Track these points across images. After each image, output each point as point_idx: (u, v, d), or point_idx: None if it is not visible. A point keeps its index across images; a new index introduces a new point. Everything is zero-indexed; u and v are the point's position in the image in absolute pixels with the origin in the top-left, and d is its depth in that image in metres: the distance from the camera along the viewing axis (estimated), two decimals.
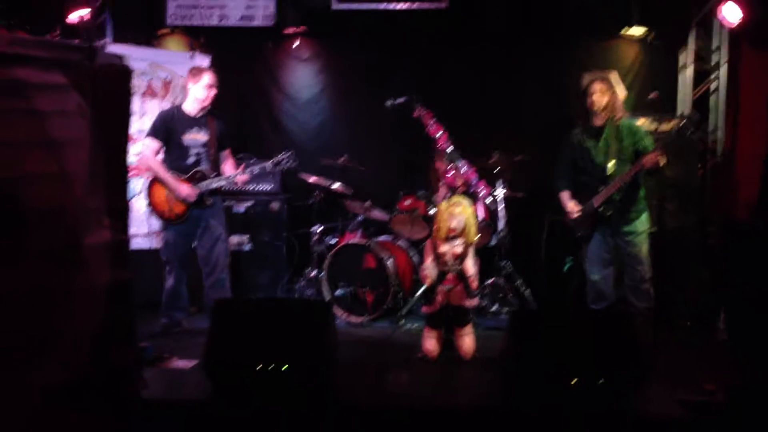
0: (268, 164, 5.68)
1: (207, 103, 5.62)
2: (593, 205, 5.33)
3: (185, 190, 5.48)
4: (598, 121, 5.35)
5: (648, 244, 5.35)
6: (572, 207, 5.47)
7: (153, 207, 5.59)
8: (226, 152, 5.80)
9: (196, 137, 5.60)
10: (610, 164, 5.27)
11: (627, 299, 5.41)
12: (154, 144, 5.56)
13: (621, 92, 5.36)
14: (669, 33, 7.12)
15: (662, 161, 5.05)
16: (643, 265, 5.30)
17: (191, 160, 5.59)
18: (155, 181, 5.56)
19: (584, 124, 5.46)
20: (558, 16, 7.08)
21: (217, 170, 5.65)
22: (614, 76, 5.39)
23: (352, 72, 7.46)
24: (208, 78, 5.59)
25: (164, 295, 5.71)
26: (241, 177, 5.64)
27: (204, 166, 5.58)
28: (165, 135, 5.57)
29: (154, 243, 6.42)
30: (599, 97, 5.28)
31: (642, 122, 5.69)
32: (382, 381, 4.49)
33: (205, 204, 5.57)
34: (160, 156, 5.62)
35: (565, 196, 5.55)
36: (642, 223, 5.33)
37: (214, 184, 5.55)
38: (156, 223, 5.86)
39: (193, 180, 5.54)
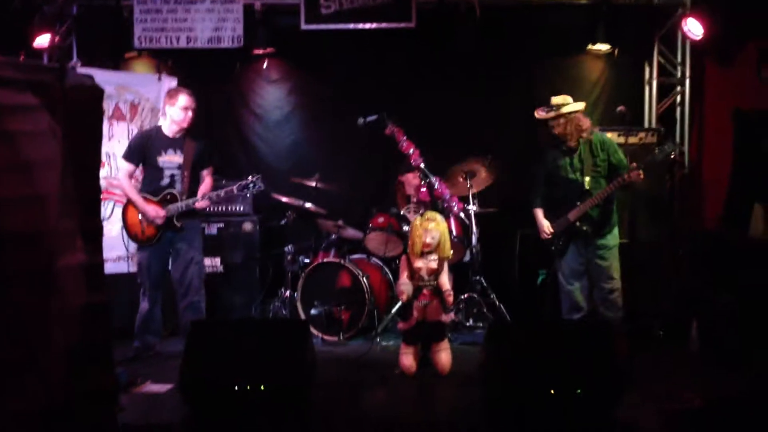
0: (234, 188, 5.57)
1: (185, 124, 5.61)
2: (569, 220, 5.41)
3: (152, 212, 5.45)
4: (570, 143, 5.45)
5: (618, 257, 5.44)
6: (545, 226, 5.56)
7: (127, 229, 5.57)
8: (205, 172, 5.74)
9: (172, 159, 5.58)
10: (587, 180, 5.36)
11: (597, 310, 5.49)
12: (127, 166, 5.56)
13: (579, 108, 5.45)
14: (633, 48, 7.24)
15: (641, 178, 5.17)
16: (613, 278, 5.44)
17: (165, 181, 5.56)
18: (129, 203, 5.52)
19: (555, 145, 5.54)
20: (524, 34, 7.17)
21: (193, 192, 5.60)
22: (563, 99, 5.48)
23: (323, 92, 7.47)
24: (184, 99, 5.58)
25: (138, 319, 5.64)
26: (200, 203, 5.56)
27: (177, 188, 5.53)
28: (140, 157, 5.57)
29: (125, 267, 6.33)
30: (559, 130, 5.45)
31: (610, 136, 5.77)
32: (360, 398, 4.47)
33: (174, 226, 5.52)
34: (136, 178, 5.59)
35: (539, 213, 5.65)
36: (614, 237, 5.46)
37: (182, 207, 5.50)
38: (131, 247, 5.78)
39: (164, 202, 5.50)
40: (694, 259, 6.63)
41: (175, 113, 5.57)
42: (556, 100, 5.57)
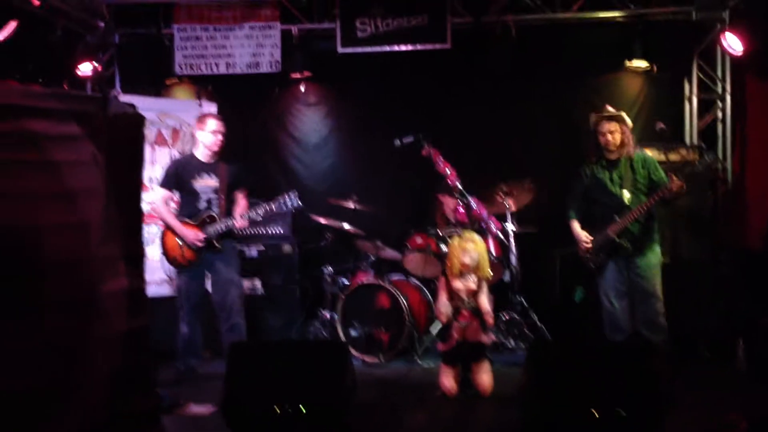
0: (273, 205, 5.62)
1: (215, 148, 5.69)
2: (608, 235, 5.33)
3: (191, 235, 5.52)
4: (612, 156, 5.40)
5: (660, 277, 5.34)
6: (584, 236, 5.48)
7: (166, 254, 5.64)
8: (239, 195, 5.79)
9: (207, 183, 5.65)
10: (626, 195, 5.29)
11: (641, 333, 5.38)
12: (163, 192, 5.66)
13: (630, 126, 5.43)
14: (672, 64, 7.18)
15: (683, 190, 5.10)
16: (657, 298, 5.31)
17: (202, 205, 5.64)
18: (167, 229, 5.60)
19: (597, 159, 5.49)
20: (560, 53, 7.16)
21: (230, 214, 5.67)
22: (623, 114, 5.46)
23: (359, 114, 7.53)
24: (213, 124, 5.67)
25: (179, 342, 5.70)
26: (239, 222, 5.60)
27: (215, 211, 5.61)
28: (175, 183, 5.66)
29: (168, 290, 6.42)
30: (612, 137, 5.36)
31: (650, 152, 5.73)
32: (400, 420, 4.45)
33: (215, 248, 5.59)
34: (173, 204, 5.69)
35: (576, 225, 5.58)
36: (655, 256, 5.36)
37: (222, 228, 5.57)
38: (170, 270, 5.85)
39: (203, 224, 5.57)
40: (738, 277, 6.49)
41: (205, 137, 5.66)
42: (612, 109, 5.53)
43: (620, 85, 7.34)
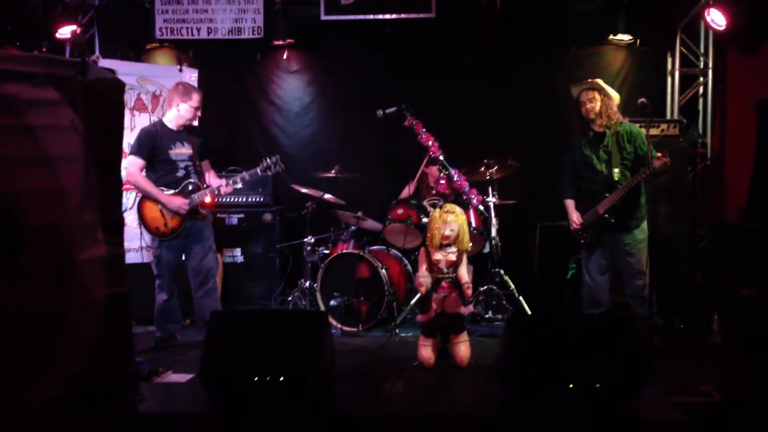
0: (258, 170, 5.68)
1: (194, 121, 5.74)
2: (598, 212, 5.35)
3: (176, 201, 5.48)
4: (596, 128, 5.40)
5: (646, 252, 5.38)
6: (576, 217, 5.50)
7: (146, 225, 5.58)
8: (206, 163, 5.83)
9: (182, 151, 5.64)
10: (615, 171, 5.30)
11: (629, 307, 5.43)
12: (139, 161, 5.53)
13: (613, 96, 5.42)
14: (655, 38, 7.18)
15: (668, 164, 5.11)
16: (643, 273, 5.32)
17: (181, 173, 5.62)
18: (144, 199, 5.56)
19: (583, 133, 5.49)
20: (545, 25, 7.13)
21: (203, 182, 5.69)
22: (601, 83, 5.45)
23: (342, 83, 7.48)
24: (197, 99, 5.65)
25: (156, 310, 5.71)
26: (225, 188, 5.66)
27: (193, 179, 5.59)
28: (149, 152, 5.55)
29: (146, 257, 6.40)
30: (591, 104, 5.35)
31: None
32: (378, 390, 4.48)
33: (200, 214, 5.61)
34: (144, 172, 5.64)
35: (570, 205, 5.59)
36: (642, 231, 5.38)
37: (207, 194, 5.58)
38: (147, 239, 5.81)
39: (185, 192, 5.54)
40: (717, 251, 6.57)
41: (186, 110, 5.61)
42: (593, 80, 5.52)
43: (603, 58, 7.33)
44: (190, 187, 5.56)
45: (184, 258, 5.75)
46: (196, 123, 5.79)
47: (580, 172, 5.54)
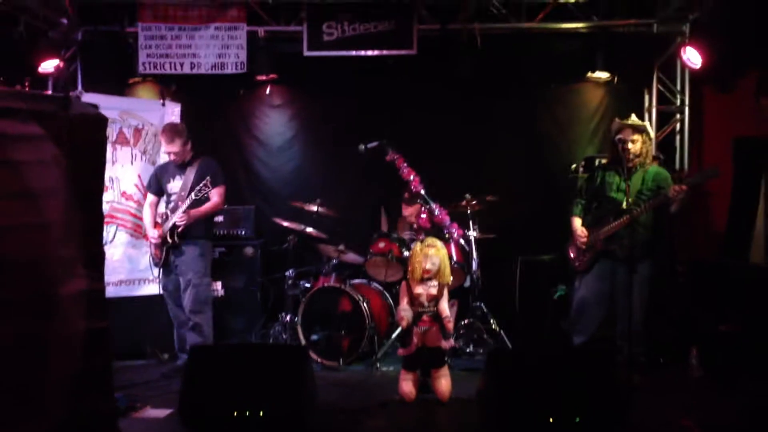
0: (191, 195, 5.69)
1: (173, 158, 5.86)
2: (598, 237, 5.35)
3: (150, 233, 5.81)
4: (629, 164, 5.32)
5: (648, 289, 5.33)
6: (580, 232, 5.48)
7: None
8: (211, 192, 5.75)
9: (176, 184, 5.79)
10: (626, 201, 5.21)
11: (616, 342, 5.37)
12: (151, 198, 6.01)
13: (651, 137, 5.46)
14: (633, 76, 7.31)
15: (686, 197, 5.09)
16: (640, 312, 5.24)
17: (171, 206, 5.78)
18: None
19: (611, 163, 5.53)
20: (525, 62, 7.24)
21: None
22: (647, 125, 5.49)
23: (324, 117, 7.53)
24: (162, 146, 5.99)
25: (175, 336, 5.95)
26: (179, 218, 5.64)
27: (175, 209, 5.67)
28: (156, 187, 5.96)
29: (127, 291, 6.41)
30: (633, 146, 5.32)
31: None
32: (359, 424, 4.46)
33: (168, 243, 5.70)
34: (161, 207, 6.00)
35: (576, 221, 5.58)
36: (647, 267, 5.31)
37: (169, 223, 5.69)
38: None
39: (163, 222, 5.79)
40: (695, 286, 6.62)
41: (167, 151, 5.96)
42: (636, 119, 5.49)
43: (582, 95, 7.45)
44: (164, 216, 5.80)
45: None
46: (174, 159, 5.88)
47: (597, 198, 5.55)
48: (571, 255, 5.60)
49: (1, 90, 2.47)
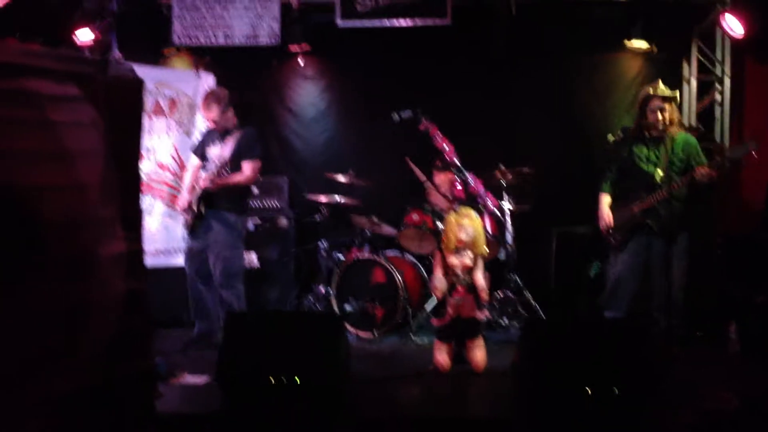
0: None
1: (213, 126, 5.80)
2: (632, 211, 5.26)
3: (181, 199, 5.79)
4: (655, 133, 5.31)
5: (687, 262, 5.26)
6: (606, 215, 5.41)
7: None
8: (244, 163, 5.69)
9: (216, 151, 5.69)
10: (659, 173, 5.20)
11: (652, 315, 5.31)
12: (196, 161, 5.92)
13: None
14: (672, 45, 7.15)
15: (714, 178, 5.01)
16: (678, 285, 5.20)
17: (208, 172, 5.69)
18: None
19: (638, 132, 5.43)
20: (560, 32, 7.12)
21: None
22: (677, 95, 5.39)
23: (357, 88, 7.49)
24: (204, 108, 5.85)
25: (191, 308, 5.83)
26: (203, 182, 5.59)
27: (214, 176, 5.61)
28: (200, 152, 5.89)
29: (164, 260, 6.47)
30: (663, 115, 5.26)
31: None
32: (394, 394, 4.47)
33: (194, 212, 5.64)
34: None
35: (604, 200, 5.50)
36: (684, 239, 5.25)
37: (198, 190, 5.63)
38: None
39: (193, 189, 5.73)
40: (732, 260, 6.51)
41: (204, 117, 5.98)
42: (664, 87, 5.41)
43: (619, 64, 7.32)
44: (196, 185, 5.71)
45: None
46: (213, 126, 5.81)
47: (625, 171, 5.45)
48: (603, 232, 5.51)
49: (41, 50, 2.46)
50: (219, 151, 5.65)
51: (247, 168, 5.68)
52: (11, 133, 2.23)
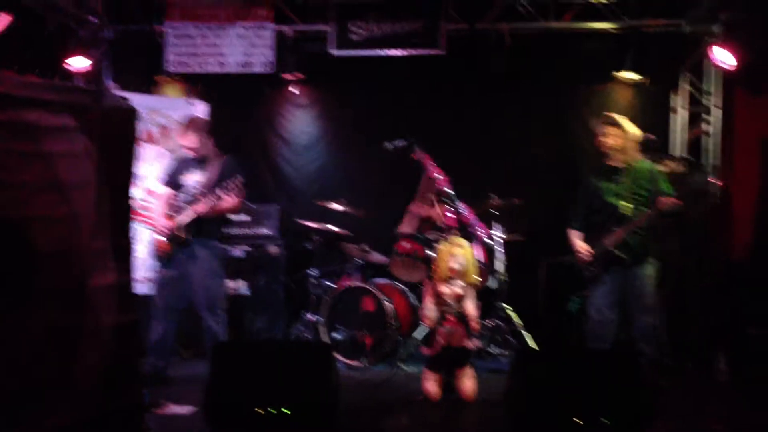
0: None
1: (190, 153, 5.65)
2: (605, 246, 5.31)
3: (161, 223, 5.49)
4: (613, 163, 5.38)
5: (654, 289, 5.33)
6: (580, 246, 5.45)
7: (156, 250, 5.59)
8: (232, 192, 5.54)
9: (194, 178, 5.58)
10: (626, 206, 5.25)
11: (636, 346, 5.33)
12: (166, 190, 5.66)
13: (631, 132, 5.41)
14: (662, 77, 7.22)
15: (676, 206, 5.06)
16: (653, 311, 5.27)
17: (187, 199, 5.55)
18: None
19: (599, 166, 5.49)
20: (553, 63, 7.20)
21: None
22: (619, 119, 5.46)
23: (350, 117, 7.53)
24: (181, 135, 5.71)
25: (149, 341, 5.50)
26: (198, 206, 5.41)
27: (196, 203, 5.47)
28: (171, 180, 5.65)
29: (151, 288, 6.40)
30: (605, 139, 5.36)
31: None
32: (383, 424, 4.45)
33: (179, 238, 5.47)
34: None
35: (574, 235, 5.53)
36: (652, 267, 5.30)
37: (185, 217, 5.44)
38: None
39: (176, 215, 5.51)
40: (723, 289, 6.54)
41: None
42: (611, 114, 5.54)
43: (610, 96, 7.37)
44: (180, 211, 5.49)
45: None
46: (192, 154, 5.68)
47: (592, 206, 5.50)
48: (579, 266, 5.55)
49: (38, 82, 2.49)
50: (200, 179, 5.57)
51: (235, 196, 5.57)
52: (7, 165, 2.25)
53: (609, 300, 5.38)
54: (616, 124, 5.39)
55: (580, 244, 5.46)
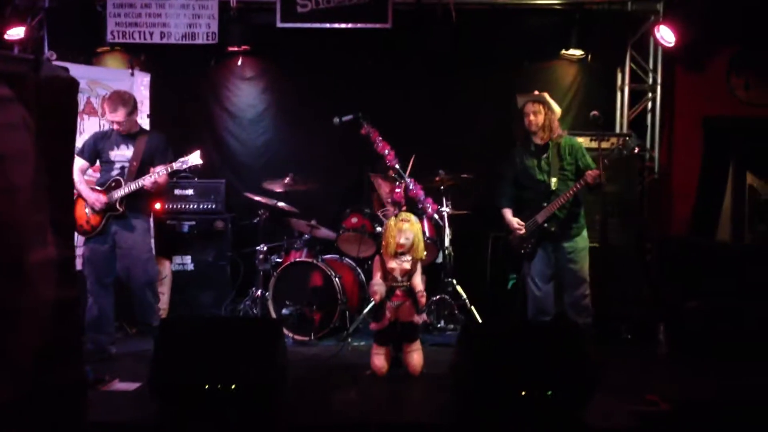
0: (174, 164, 5.44)
1: (116, 128, 5.53)
2: (537, 222, 5.43)
3: (93, 197, 5.37)
4: (538, 140, 5.51)
5: (588, 261, 5.48)
6: (516, 224, 5.56)
7: (76, 222, 5.40)
8: (156, 169, 5.50)
9: (123, 153, 5.51)
10: (554, 181, 5.39)
11: (567, 315, 5.51)
12: (80, 162, 5.50)
13: (556, 110, 5.52)
14: (606, 54, 7.32)
15: (603, 178, 5.18)
16: (585, 282, 5.46)
17: (115, 173, 5.49)
18: (78, 197, 5.44)
19: (525, 144, 5.58)
20: (499, 38, 7.22)
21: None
22: (547, 96, 5.53)
23: (297, 90, 7.43)
24: (107, 112, 5.58)
25: (86, 318, 5.43)
26: (146, 181, 5.37)
27: (123, 177, 5.44)
28: (93, 154, 5.57)
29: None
30: (535, 118, 5.45)
31: (582, 140, 5.84)
32: (331, 399, 4.45)
33: (116, 210, 5.40)
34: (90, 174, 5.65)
35: (508, 213, 5.65)
36: (583, 239, 5.49)
37: (125, 190, 5.38)
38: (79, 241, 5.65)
39: (108, 189, 5.43)
40: (663, 263, 6.71)
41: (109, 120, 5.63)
42: (537, 92, 5.61)
43: (556, 72, 7.44)
44: (113, 184, 5.43)
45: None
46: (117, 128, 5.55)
47: (522, 182, 5.61)
48: (514, 243, 5.65)
49: None
50: (131, 153, 5.49)
51: (165, 171, 5.51)
52: None
53: (545, 274, 5.56)
54: (544, 102, 5.47)
55: (514, 221, 5.57)
